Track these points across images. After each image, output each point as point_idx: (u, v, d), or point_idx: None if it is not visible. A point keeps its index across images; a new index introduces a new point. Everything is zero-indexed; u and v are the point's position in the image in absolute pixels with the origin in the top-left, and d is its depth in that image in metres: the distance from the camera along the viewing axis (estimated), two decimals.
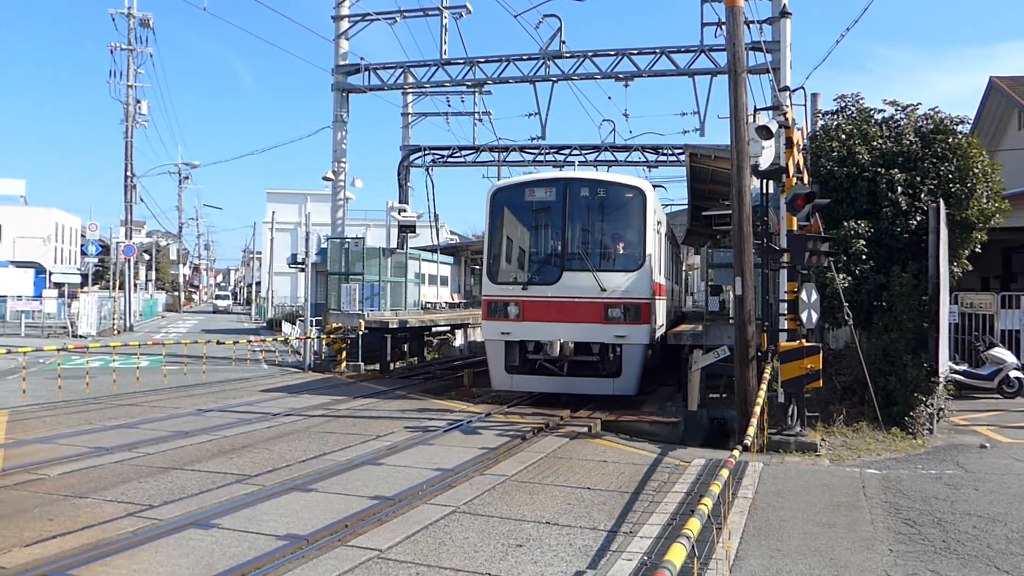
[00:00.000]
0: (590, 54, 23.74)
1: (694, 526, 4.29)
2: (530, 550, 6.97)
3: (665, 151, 30.77)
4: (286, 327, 36.89)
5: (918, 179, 14.78)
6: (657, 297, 16.41)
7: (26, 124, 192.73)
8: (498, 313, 16.01)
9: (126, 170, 44.51)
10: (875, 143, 15.28)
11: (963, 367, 17.12)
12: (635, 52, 23.13)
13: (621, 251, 15.93)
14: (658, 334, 17.10)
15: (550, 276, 15.85)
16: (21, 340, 32.28)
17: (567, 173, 17.30)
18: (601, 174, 21.14)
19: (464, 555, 6.82)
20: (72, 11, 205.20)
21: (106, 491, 8.80)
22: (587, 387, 15.75)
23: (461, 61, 25.93)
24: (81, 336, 36.27)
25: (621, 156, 31.23)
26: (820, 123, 17.22)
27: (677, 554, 3.80)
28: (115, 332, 40.66)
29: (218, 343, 25.49)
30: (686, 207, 28.32)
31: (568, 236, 15.94)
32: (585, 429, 13.19)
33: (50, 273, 51.38)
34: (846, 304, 13.36)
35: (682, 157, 28.01)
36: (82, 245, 66.18)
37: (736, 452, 6.90)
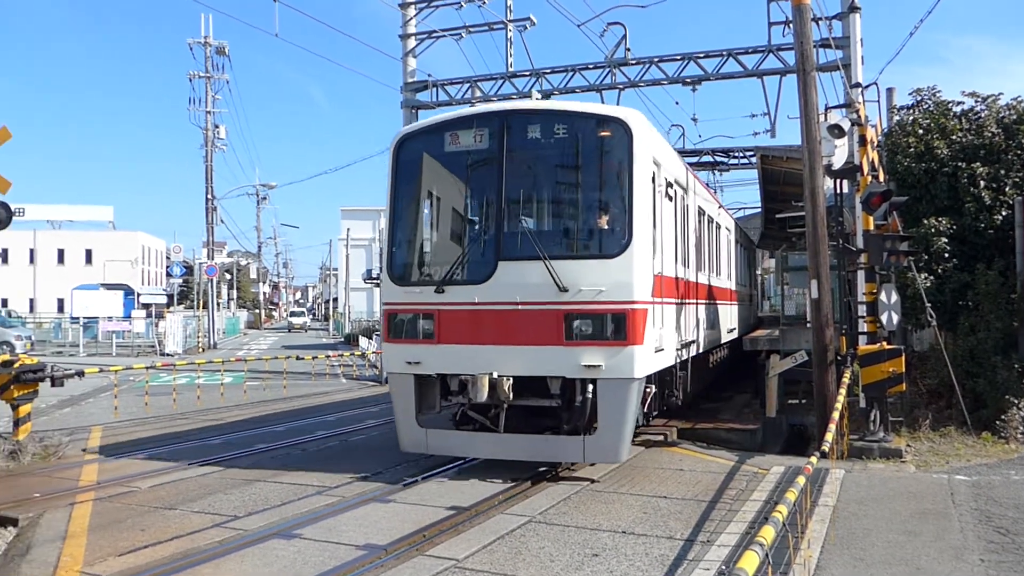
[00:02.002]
0: (656, 60, 23.58)
1: (768, 534, 4.23)
2: (606, 560, 6.95)
3: (735, 154, 30.33)
4: (363, 342, 37.51)
5: (1002, 172, 14.26)
6: (664, 300, 10.87)
7: (113, 152, 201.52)
8: (403, 332, 10.53)
9: (207, 193, 46.10)
10: (954, 137, 14.80)
11: None
12: (701, 55, 22.89)
13: (593, 225, 10.33)
14: (678, 358, 11.95)
15: (479, 270, 10.16)
16: (112, 359, 33.64)
17: (508, 104, 11.42)
18: (561, 102, 14.96)
19: (540, 565, 6.84)
20: (152, 42, 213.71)
21: (193, 503, 9.10)
22: (537, 450, 10.17)
23: (527, 73, 26.07)
24: (168, 354, 37.58)
25: (691, 161, 30.90)
26: (895, 119, 16.75)
27: (749, 562, 3.75)
28: (199, 350, 42.03)
29: (297, 359, 26.10)
30: (759, 210, 27.87)
31: (507, 203, 10.21)
32: (661, 437, 13.07)
33: (138, 294, 53.34)
34: (928, 304, 12.96)
35: (753, 160, 27.57)
36: (167, 266, 68.52)
37: (814, 459, 6.75)
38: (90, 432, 14.62)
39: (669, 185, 11.52)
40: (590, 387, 9.62)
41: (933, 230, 14.07)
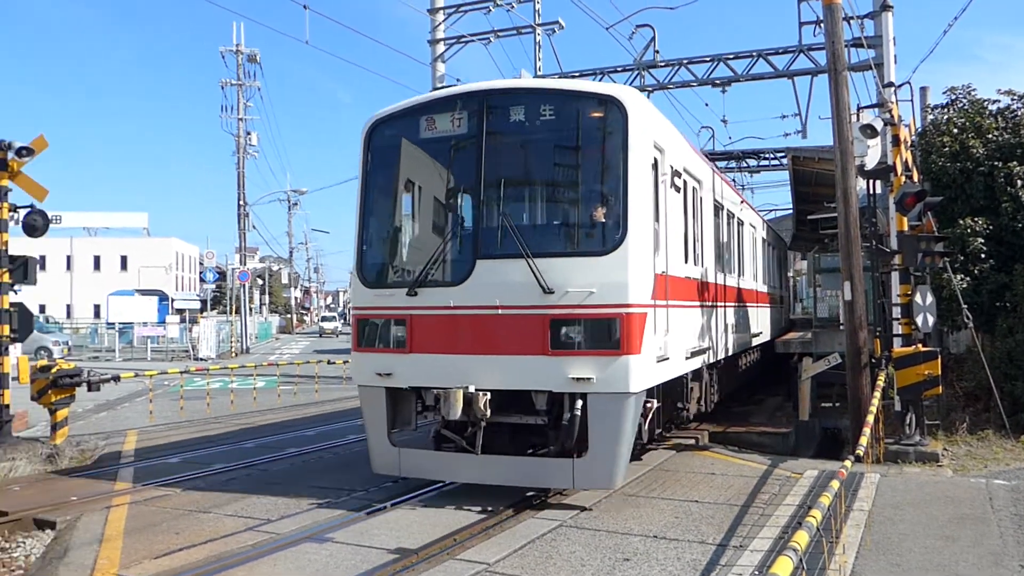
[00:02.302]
0: (685, 61, 23.48)
1: (802, 539, 4.18)
2: (637, 564, 6.91)
3: (766, 155, 30.15)
4: None
5: None
6: (670, 303, 9.80)
7: (148, 159, 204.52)
8: (373, 339, 9.61)
9: (239, 199, 46.62)
10: (990, 136, 14.59)
11: None
12: (731, 56, 22.76)
13: (583, 217, 9.25)
14: (691, 367, 11.09)
15: (455, 270, 9.20)
16: (147, 364, 34.11)
17: (488, 83, 9.83)
18: (548, 79, 13.45)
19: (571, 569, 6.82)
20: (186, 50, 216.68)
21: (226, 506, 9.19)
22: (521, 474, 9.08)
23: (556, 76, 26.10)
24: (201, 359, 38.02)
25: (721, 164, 30.74)
26: (929, 118, 16.55)
27: (784, 567, 3.70)
28: (232, 354, 42.47)
29: (329, 363, 26.28)
30: (790, 212, 27.62)
31: (486, 193, 9.18)
32: (692, 441, 12.98)
33: (172, 300, 54.10)
34: (965, 306, 12.77)
35: (784, 161, 27.36)
36: (200, 272, 69.44)
37: (848, 463, 6.67)
38: (126, 436, 14.82)
39: (676, 174, 10.37)
40: (579, 403, 8.52)
41: (969, 230, 13.87)
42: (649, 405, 9.32)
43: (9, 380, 12.39)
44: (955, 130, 14.96)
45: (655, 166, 9.44)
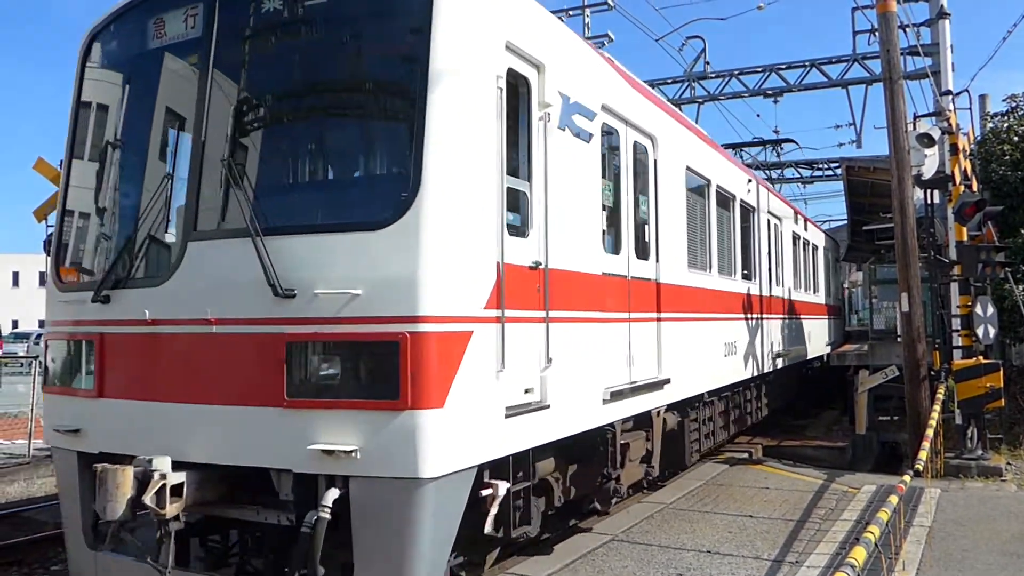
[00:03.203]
0: (736, 72, 23.34)
1: (860, 555, 4.14)
2: None
3: (820, 165, 29.78)
4: None
5: None
6: (558, 313, 6.40)
7: None
8: (60, 373, 6.45)
9: None
10: None
11: None
12: (783, 67, 22.57)
13: (350, 168, 6.25)
14: (603, 418, 7.17)
15: (158, 259, 5.89)
16: None
17: None
18: None
19: None
20: None
21: None
22: None
23: None
24: None
25: (774, 173, 30.43)
26: (989, 126, 16.25)
27: None
28: None
29: None
30: (845, 222, 27.21)
31: (209, 133, 5.66)
32: (745, 455, 12.85)
33: None
34: None
35: (838, 171, 26.99)
36: None
37: (907, 477, 6.57)
38: None
39: (582, 112, 6.92)
40: (331, 495, 4.97)
41: None
42: (489, 496, 5.59)
43: None
44: (1016, 138, 14.69)
45: (513, 85, 6.00)
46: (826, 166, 29.62)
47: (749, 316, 12.48)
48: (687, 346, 9.48)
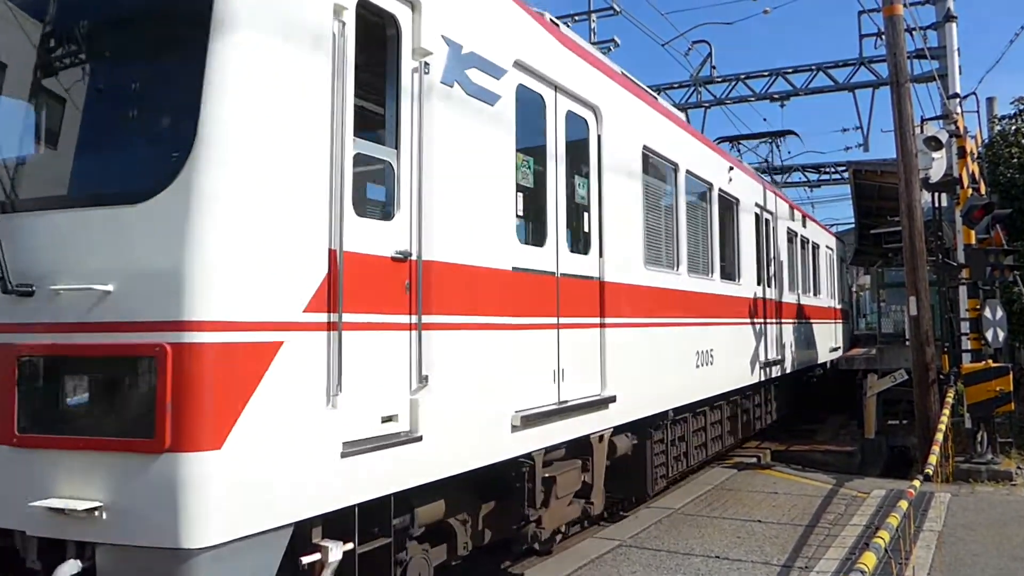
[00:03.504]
0: (743, 76, 23.35)
1: (870, 560, 4.12)
2: None
3: (827, 169, 29.76)
4: None
5: None
6: (462, 318, 5.30)
7: None
8: None
9: None
10: None
11: None
12: (790, 71, 22.57)
13: (116, 125, 4.34)
14: (515, 449, 5.83)
15: None
16: None
17: None
18: None
19: None
20: None
21: None
22: None
23: None
24: None
25: (780, 177, 30.40)
26: (996, 129, 16.20)
27: None
28: None
29: None
30: (853, 226, 27.15)
31: None
32: (754, 460, 12.82)
33: None
34: None
35: (845, 175, 26.93)
36: None
37: (917, 482, 6.54)
38: None
39: (486, 69, 5.65)
40: (72, 568, 3.74)
41: None
42: (315, 560, 4.28)
43: None
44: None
45: (375, 24, 4.81)
46: (833, 169, 29.61)
47: (733, 321, 11.22)
48: (644, 356, 8.12)
